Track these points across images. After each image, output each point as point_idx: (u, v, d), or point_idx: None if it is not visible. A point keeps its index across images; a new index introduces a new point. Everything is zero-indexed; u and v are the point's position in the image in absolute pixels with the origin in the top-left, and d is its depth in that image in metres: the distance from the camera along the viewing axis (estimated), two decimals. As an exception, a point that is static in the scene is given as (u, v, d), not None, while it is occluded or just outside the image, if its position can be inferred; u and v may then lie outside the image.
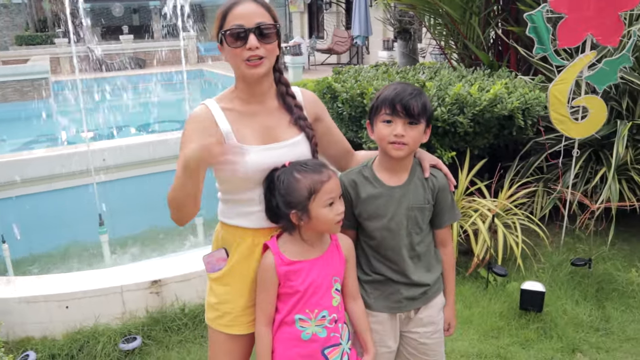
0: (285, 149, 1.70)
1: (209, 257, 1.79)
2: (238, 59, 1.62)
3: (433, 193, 1.80)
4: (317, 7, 18.49)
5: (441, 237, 1.89)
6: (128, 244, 5.14)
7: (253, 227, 1.72)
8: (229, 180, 1.69)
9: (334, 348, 1.69)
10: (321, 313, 1.66)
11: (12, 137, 9.38)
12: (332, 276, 1.69)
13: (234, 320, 1.77)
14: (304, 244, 1.68)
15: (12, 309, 3.00)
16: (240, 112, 1.69)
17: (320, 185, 1.60)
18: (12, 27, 21.24)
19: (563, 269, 3.61)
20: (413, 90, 1.70)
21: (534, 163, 4.19)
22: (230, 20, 1.61)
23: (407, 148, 1.70)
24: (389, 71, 4.57)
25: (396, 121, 1.68)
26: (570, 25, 3.58)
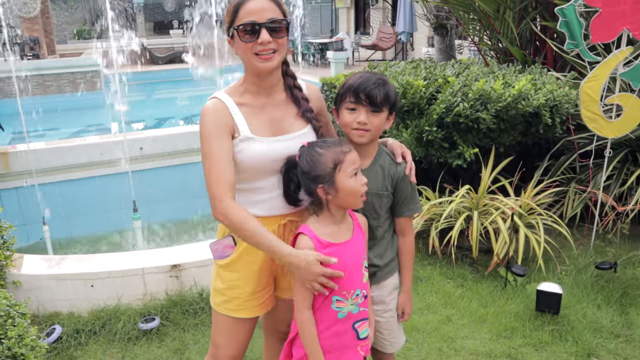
0: (293, 140, 1.76)
1: (216, 245, 1.85)
2: (249, 53, 1.68)
3: (393, 181, 1.86)
4: (364, 3, 18.41)
5: (400, 226, 1.95)
6: (160, 231, 5.33)
7: (261, 215, 1.78)
8: (241, 169, 1.74)
9: (363, 322, 1.76)
10: (355, 292, 1.72)
11: (64, 127, 9.86)
12: (361, 255, 1.75)
13: (242, 304, 1.84)
14: (333, 225, 1.71)
15: (42, 285, 3.19)
16: (251, 106, 1.75)
17: (343, 156, 1.65)
18: (71, 22, 22.27)
19: (588, 272, 3.50)
20: (377, 80, 1.77)
21: (564, 163, 4.06)
22: (242, 15, 1.65)
23: (369, 134, 1.79)
24: (418, 67, 4.53)
25: (360, 109, 1.77)
26: (605, 20, 3.45)
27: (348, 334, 1.73)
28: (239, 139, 1.71)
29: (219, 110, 1.71)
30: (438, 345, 2.92)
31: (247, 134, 1.71)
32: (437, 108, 3.53)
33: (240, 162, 1.72)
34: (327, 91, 5.20)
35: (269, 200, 1.78)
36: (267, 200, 1.78)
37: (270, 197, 1.78)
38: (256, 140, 1.71)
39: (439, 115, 3.50)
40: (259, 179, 1.76)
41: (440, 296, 3.37)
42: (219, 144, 1.68)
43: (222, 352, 1.91)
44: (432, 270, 3.63)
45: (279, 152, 1.74)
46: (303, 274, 1.61)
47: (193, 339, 3.03)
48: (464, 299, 3.33)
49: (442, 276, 3.58)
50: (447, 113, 3.49)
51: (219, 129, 1.69)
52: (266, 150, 1.72)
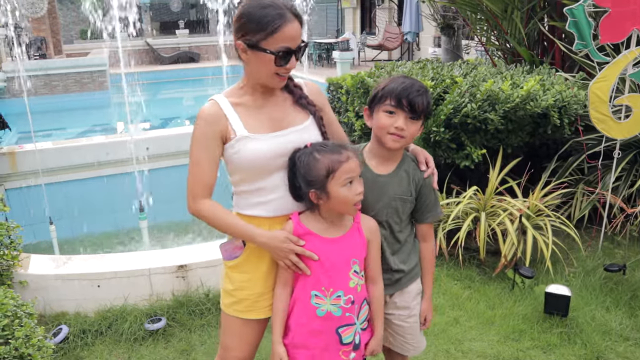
0: (293, 134, 1.75)
1: (226, 246, 1.85)
2: (270, 71, 1.67)
3: (417, 186, 1.84)
4: (370, 3, 18.38)
5: (422, 232, 1.94)
6: (166, 230, 5.33)
7: (269, 215, 1.77)
8: (242, 169, 1.74)
9: (348, 327, 1.74)
10: (336, 292, 1.71)
11: (71, 126, 9.90)
12: (350, 258, 1.73)
13: (251, 305, 1.83)
14: (325, 222, 1.73)
15: (49, 285, 3.19)
16: (249, 106, 1.75)
17: (338, 165, 1.64)
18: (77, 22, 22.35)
19: (596, 274, 3.47)
20: (420, 88, 1.75)
21: (572, 164, 4.03)
22: (280, 39, 1.62)
23: (403, 141, 1.76)
24: (425, 67, 4.51)
25: (399, 114, 1.73)
26: (615, 20, 3.42)
27: (329, 336, 1.73)
28: (235, 140, 1.70)
29: (213, 115, 1.71)
30: (445, 347, 2.90)
31: (243, 133, 1.70)
32: (444, 109, 3.51)
33: (238, 162, 1.72)
34: (333, 91, 5.19)
35: (274, 200, 1.77)
36: (272, 200, 1.77)
37: (275, 197, 1.76)
38: (253, 138, 1.70)
39: (446, 116, 3.48)
40: (261, 179, 1.74)
41: (447, 298, 3.35)
42: (206, 150, 1.71)
43: (231, 354, 1.90)
44: (439, 271, 3.61)
45: (279, 147, 1.72)
46: (275, 251, 1.72)
47: (199, 339, 3.02)
48: (471, 300, 3.31)
49: (449, 277, 3.57)
50: (455, 114, 3.47)
51: (209, 135, 1.70)
52: (265, 148, 1.70)
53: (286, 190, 1.76)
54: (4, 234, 3.21)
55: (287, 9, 1.64)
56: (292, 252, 1.70)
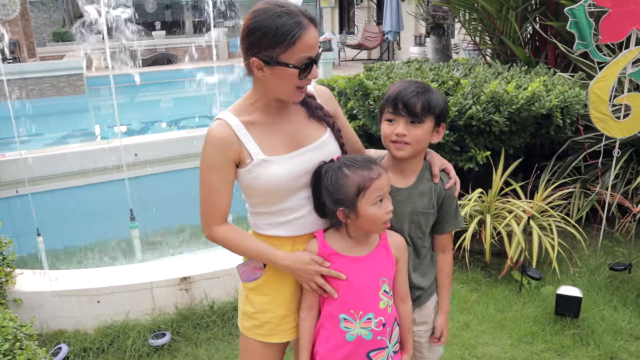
0: (311, 152, 1.63)
1: (245, 267, 1.74)
2: (292, 86, 1.54)
3: (439, 199, 1.74)
4: (348, 2, 18.36)
5: (442, 243, 1.84)
6: (158, 239, 5.20)
7: (291, 235, 1.67)
8: (262, 194, 1.63)
9: (380, 351, 1.65)
10: (367, 315, 1.61)
11: (49, 132, 9.62)
12: (379, 277, 1.64)
13: (274, 329, 1.72)
14: (350, 241, 1.63)
15: (45, 302, 3.06)
16: (262, 124, 1.61)
17: (370, 182, 1.54)
18: (49, 24, 21.79)
19: (601, 273, 3.48)
20: (417, 88, 1.63)
21: (572, 163, 4.04)
22: (301, 49, 1.48)
23: (409, 148, 1.65)
24: (422, 68, 4.48)
25: (398, 120, 1.65)
26: (615, 20, 3.43)
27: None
28: (252, 164, 1.58)
29: (224, 139, 1.57)
30: (459, 352, 2.87)
31: (260, 157, 1.57)
32: (448, 111, 3.47)
33: (259, 188, 1.60)
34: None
35: (297, 219, 1.66)
36: (295, 220, 1.66)
37: (298, 216, 1.65)
38: (272, 161, 1.58)
39: (450, 119, 3.45)
40: (283, 201, 1.63)
41: (455, 302, 3.32)
42: (219, 176, 1.59)
43: None
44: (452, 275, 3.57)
45: (299, 168, 1.61)
46: (299, 274, 1.63)
47: (206, 354, 2.93)
48: (480, 304, 3.28)
49: (456, 281, 3.53)
50: (460, 116, 3.43)
51: (222, 161, 1.58)
52: (286, 171, 1.58)
53: (309, 208, 1.66)
54: (-4, 250, 3.06)
55: (303, 14, 1.50)
56: (318, 274, 1.61)
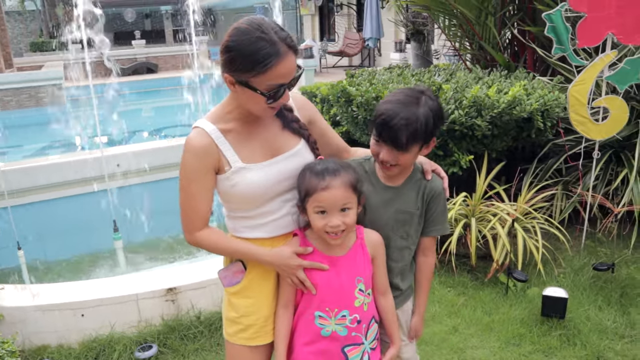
0: (287, 160, 1.66)
1: (225, 272, 1.74)
2: (262, 106, 1.55)
3: (425, 199, 1.75)
4: (328, 10, 18.47)
5: (424, 246, 1.84)
6: (142, 250, 5.13)
7: (266, 236, 1.69)
8: (240, 200, 1.65)
9: (355, 347, 1.68)
10: (341, 312, 1.64)
11: (28, 143, 9.47)
12: (355, 276, 1.66)
13: (258, 331, 1.73)
14: (325, 241, 1.64)
15: (27, 317, 2.99)
16: (239, 132, 1.63)
17: (313, 191, 1.57)
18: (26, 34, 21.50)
19: (585, 273, 3.53)
20: (404, 118, 1.56)
21: (553, 165, 4.11)
22: (272, 77, 1.48)
23: (397, 169, 1.68)
24: (403, 74, 4.51)
25: (382, 146, 1.64)
26: (591, 25, 3.50)
27: (334, 356, 1.67)
28: (230, 172, 1.60)
29: (203, 147, 1.58)
30: (448, 356, 2.88)
31: (238, 165, 1.60)
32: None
33: (238, 195, 1.62)
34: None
35: (274, 221, 1.69)
36: (271, 222, 1.69)
37: (275, 218, 1.69)
38: (249, 169, 1.60)
39: (433, 123, 3.47)
40: (261, 206, 1.66)
41: (443, 306, 3.33)
42: (198, 184, 1.60)
43: None
44: (433, 279, 3.59)
45: (276, 175, 1.64)
46: (282, 269, 1.65)
47: (194, 365, 2.89)
48: (467, 307, 3.30)
49: (442, 285, 3.55)
50: (442, 121, 3.46)
51: (201, 169, 1.59)
52: (263, 177, 1.61)
53: (285, 211, 1.69)
54: (-24, 265, 2.99)
55: (282, 41, 1.47)
56: (300, 267, 1.64)
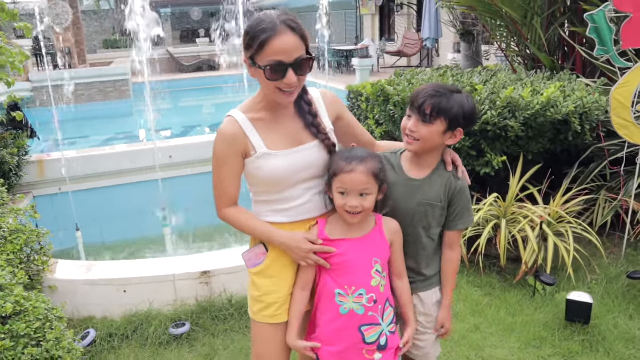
0: (310, 150, 1.79)
1: (249, 254, 1.89)
2: (272, 87, 1.67)
3: (449, 193, 1.85)
4: (388, 10, 18.41)
5: (450, 240, 1.93)
6: (189, 237, 5.42)
7: (290, 221, 1.82)
8: (264, 183, 1.79)
9: (372, 327, 1.78)
10: (358, 290, 1.75)
11: (95, 135, 10.11)
12: (372, 257, 1.78)
13: (280, 308, 1.85)
14: (346, 224, 1.78)
15: (77, 290, 3.29)
16: (267, 121, 1.77)
17: (339, 173, 1.72)
18: (100, 32, 22.83)
19: (620, 281, 3.44)
20: (433, 91, 1.76)
21: (594, 170, 4.00)
22: (269, 53, 1.60)
23: (418, 144, 1.79)
24: (445, 74, 4.53)
25: (413, 117, 1.79)
26: (636, 25, 3.41)
27: (352, 334, 1.76)
28: (255, 156, 1.74)
29: (233, 134, 1.74)
30: (466, 353, 2.91)
31: (263, 150, 1.73)
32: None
33: (261, 178, 1.77)
34: (353, 99, 5.24)
35: (296, 207, 1.82)
36: (293, 208, 1.82)
37: (297, 204, 1.81)
38: (273, 155, 1.74)
39: (466, 123, 3.49)
40: (284, 191, 1.79)
41: (468, 304, 3.35)
42: (228, 167, 1.77)
43: None
44: (460, 278, 3.62)
45: (298, 163, 1.77)
46: (293, 251, 1.78)
47: (223, 344, 3.08)
48: (492, 307, 3.31)
49: (470, 284, 3.57)
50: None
51: (230, 154, 1.75)
52: (286, 164, 1.74)
53: (307, 198, 1.81)
54: (35, 240, 3.31)
55: (281, 21, 1.60)
56: (310, 251, 1.76)
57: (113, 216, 5.27)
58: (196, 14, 22.79)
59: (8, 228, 3.24)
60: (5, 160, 4.59)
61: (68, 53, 13.74)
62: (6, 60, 3.44)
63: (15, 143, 4.92)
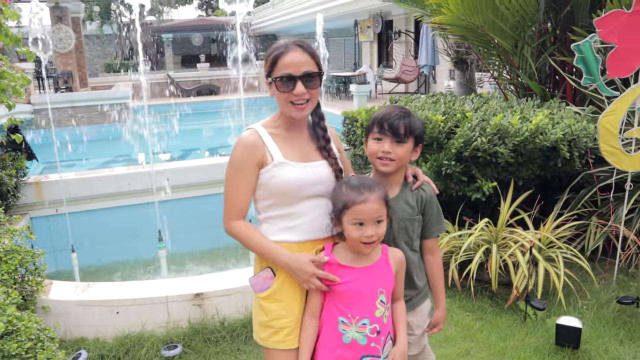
0: (322, 167, 1.89)
1: (256, 279, 1.89)
2: (285, 101, 1.82)
3: (421, 204, 1.94)
4: (386, 37, 18.72)
5: (429, 246, 2.02)
6: (184, 259, 5.44)
7: (298, 240, 1.85)
8: (276, 194, 1.84)
9: (373, 359, 1.78)
10: (362, 320, 1.76)
11: (94, 157, 10.18)
12: (377, 287, 1.80)
13: (290, 333, 1.84)
14: (352, 253, 1.81)
15: (70, 311, 3.30)
16: (283, 137, 1.89)
17: (352, 204, 1.73)
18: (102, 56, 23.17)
19: (610, 306, 3.46)
20: (400, 112, 1.89)
21: (584, 196, 4.06)
22: (280, 67, 1.79)
23: (393, 164, 1.88)
24: (438, 101, 4.62)
25: (384, 139, 1.87)
26: (622, 56, 3.50)
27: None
28: (272, 164, 1.82)
29: (253, 143, 1.84)
30: (456, 378, 2.92)
31: (280, 159, 1.82)
32: (455, 142, 3.60)
33: (274, 186, 1.82)
34: (349, 124, 5.32)
35: (302, 225, 1.85)
36: (302, 224, 1.85)
37: (305, 221, 1.85)
38: (288, 164, 1.82)
39: (457, 150, 3.56)
40: (292, 204, 1.84)
41: (459, 329, 3.37)
42: (244, 175, 1.83)
43: None
44: (452, 302, 3.64)
45: (311, 176, 1.84)
46: (297, 273, 1.79)
47: (214, 367, 3.08)
48: (483, 332, 3.32)
49: (461, 309, 3.58)
50: (466, 147, 3.55)
51: (248, 161, 1.82)
52: (298, 174, 1.82)
53: (313, 215, 1.86)
54: (30, 261, 3.34)
55: (292, 42, 1.82)
56: (314, 275, 1.77)
57: (109, 238, 5.30)
58: (197, 39, 23.15)
59: (3, 248, 3.28)
60: (4, 182, 4.64)
61: (70, 76, 13.92)
62: (8, 84, 3.52)
63: (13, 164, 4.98)
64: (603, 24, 3.49)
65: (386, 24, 17.89)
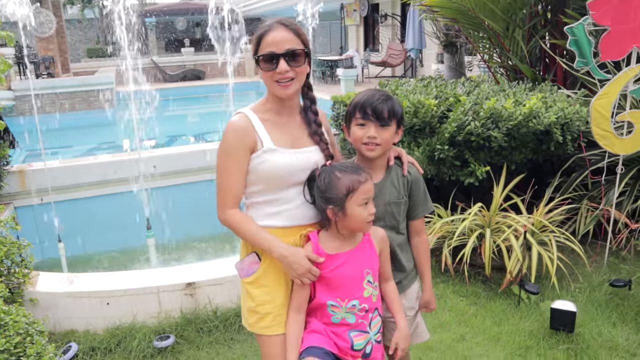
0: (310, 153, 1.87)
1: (241, 264, 1.89)
2: (270, 80, 1.80)
3: (407, 187, 1.94)
4: (373, 20, 18.58)
5: (416, 227, 2.02)
6: (173, 248, 5.37)
7: (282, 225, 1.84)
8: (264, 179, 1.82)
9: (360, 334, 1.81)
10: (351, 302, 1.79)
11: (78, 144, 10.00)
12: (363, 269, 1.81)
13: (275, 319, 1.85)
14: (337, 240, 1.81)
15: (59, 303, 3.23)
16: (274, 122, 1.86)
17: (358, 185, 1.74)
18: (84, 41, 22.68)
19: (602, 289, 3.48)
20: (381, 96, 1.86)
21: (576, 180, 4.06)
22: (263, 46, 1.78)
23: (379, 149, 1.87)
24: (429, 85, 4.57)
25: (368, 124, 1.85)
26: (614, 38, 3.48)
27: (341, 339, 1.80)
28: (261, 150, 1.79)
29: (243, 127, 1.81)
30: (452, 363, 2.91)
31: (269, 146, 1.79)
32: (448, 127, 3.56)
33: (263, 171, 1.80)
34: (338, 109, 5.26)
35: (290, 210, 1.84)
36: (287, 210, 1.84)
37: (291, 207, 1.84)
38: (278, 151, 1.80)
39: (450, 134, 3.53)
40: (279, 190, 1.83)
41: (453, 314, 3.37)
42: (236, 161, 1.80)
43: None
44: (445, 288, 3.63)
45: (300, 162, 1.83)
46: (294, 267, 1.76)
47: (207, 357, 3.04)
48: (477, 317, 3.32)
49: (455, 294, 3.58)
50: (459, 132, 3.52)
51: (239, 147, 1.79)
52: (287, 161, 1.80)
53: (298, 202, 1.85)
54: (16, 252, 3.26)
55: (276, 21, 1.81)
56: (308, 271, 1.76)
57: (96, 227, 5.21)
58: (181, 23, 22.76)
59: (-12, 240, 3.19)
60: (-14, 171, 4.52)
61: (51, 62, 13.61)
62: (-13, 70, 3.40)
63: (-4, 153, 4.85)
64: (596, 6, 3.46)
65: (372, 7, 17.75)
